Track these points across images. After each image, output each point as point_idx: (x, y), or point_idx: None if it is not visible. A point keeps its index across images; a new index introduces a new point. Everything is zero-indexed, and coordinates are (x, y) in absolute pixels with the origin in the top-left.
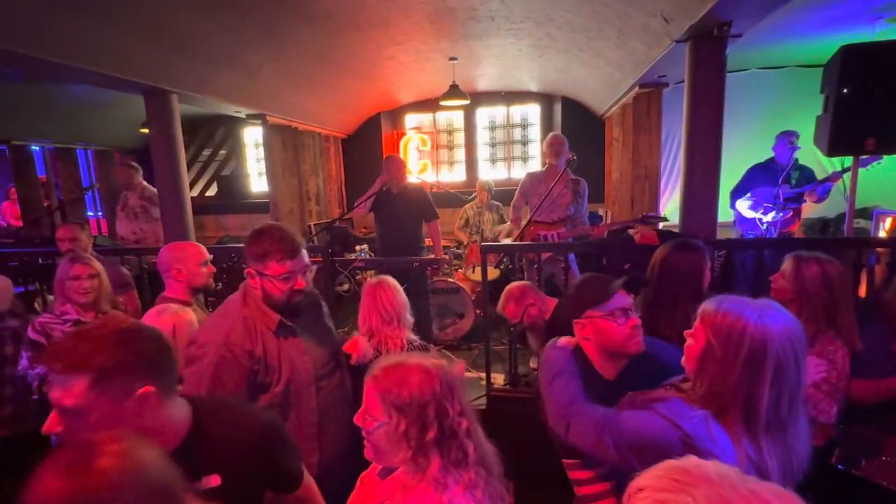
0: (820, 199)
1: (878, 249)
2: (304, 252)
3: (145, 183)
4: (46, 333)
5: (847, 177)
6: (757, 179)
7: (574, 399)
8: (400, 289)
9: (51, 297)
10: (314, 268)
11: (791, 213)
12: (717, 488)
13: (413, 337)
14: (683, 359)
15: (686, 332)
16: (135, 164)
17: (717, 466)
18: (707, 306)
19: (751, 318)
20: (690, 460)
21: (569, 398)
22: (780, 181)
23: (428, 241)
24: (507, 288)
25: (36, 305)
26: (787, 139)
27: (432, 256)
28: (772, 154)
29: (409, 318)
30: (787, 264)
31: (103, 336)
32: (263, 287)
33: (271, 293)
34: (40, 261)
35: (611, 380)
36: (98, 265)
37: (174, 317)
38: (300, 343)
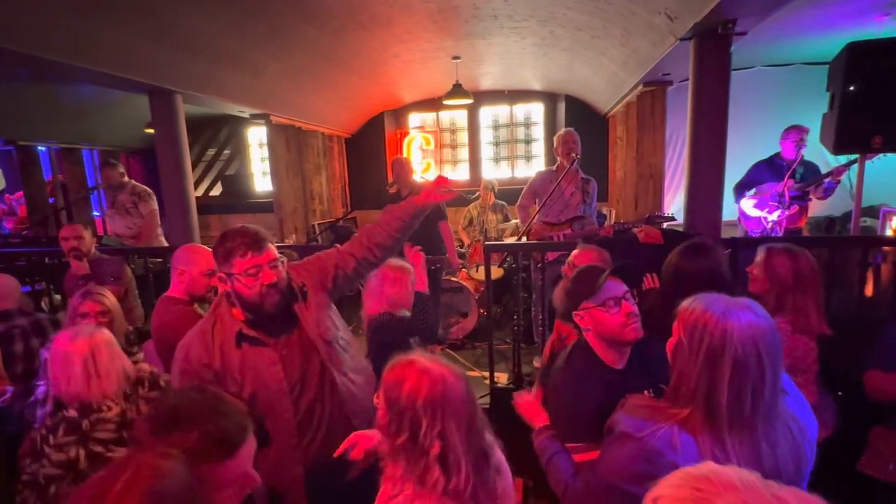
0: (826, 195)
1: (885, 248)
2: (272, 246)
3: (133, 181)
4: None
5: (853, 173)
6: (763, 175)
7: (564, 479)
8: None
9: (58, 297)
10: (284, 259)
11: (797, 207)
12: (742, 495)
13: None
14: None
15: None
16: (114, 161)
17: (738, 473)
18: (684, 303)
19: (714, 314)
20: (709, 466)
21: (561, 478)
22: (785, 177)
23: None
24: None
25: (43, 304)
26: (795, 136)
27: (438, 256)
28: (777, 149)
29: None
30: (759, 255)
31: None
32: (235, 290)
33: (243, 294)
34: (47, 260)
35: (620, 369)
36: (110, 302)
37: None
38: (268, 353)
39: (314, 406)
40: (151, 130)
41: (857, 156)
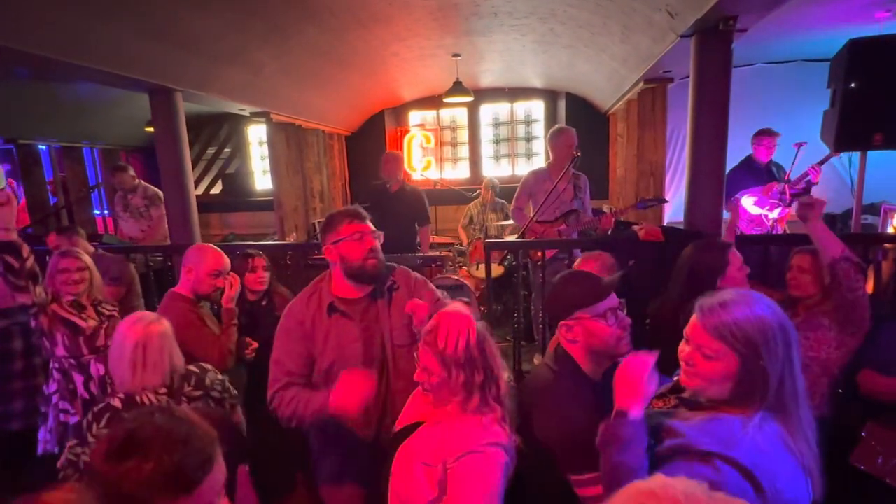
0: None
1: (886, 245)
2: (370, 222)
3: (144, 182)
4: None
5: (854, 169)
6: (746, 181)
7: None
8: None
9: None
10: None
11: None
12: None
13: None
14: (704, 382)
15: (690, 357)
16: (125, 164)
17: (684, 485)
18: (705, 312)
19: (766, 313)
20: (658, 480)
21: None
22: (773, 178)
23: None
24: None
25: None
26: (769, 142)
27: (435, 254)
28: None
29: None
30: (802, 259)
31: None
32: (341, 256)
33: (349, 258)
34: (47, 259)
35: (598, 381)
36: (87, 259)
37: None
38: (352, 328)
39: (379, 388)
40: (151, 129)
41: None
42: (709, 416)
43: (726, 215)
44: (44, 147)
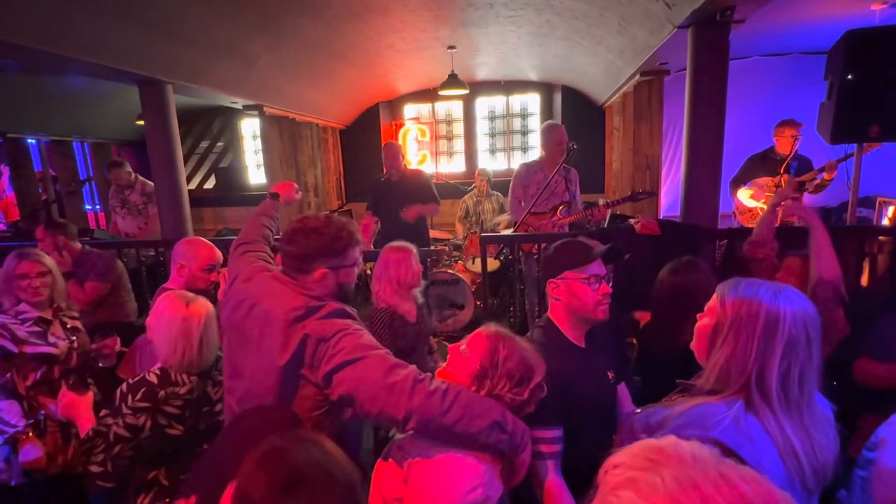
0: (818, 190)
1: (881, 238)
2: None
3: (142, 178)
4: (11, 334)
5: (850, 164)
6: (757, 170)
7: None
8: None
9: None
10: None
11: (790, 202)
12: (689, 469)
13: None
14: (693, 341)
15: (699, 315)
16: (121, 160)
17: (693, 447)
18: (724, 287)
19: (766, 296)
20: (669, 439)
21: None
22: (781, 171)
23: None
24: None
25: None
26: (790, 132)
27: (433, 248)
28: (772, 143)
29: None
30: (794, 262)
31: None
32: (342, 280)
33: (348, 283)
34: None
35: (582, 347)
36: (49, 261)
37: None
38: None
39: None
40: (143, 122)
41: (851, 150)
42: (694, 403)
43: (728, 208)
44: (33, 141)
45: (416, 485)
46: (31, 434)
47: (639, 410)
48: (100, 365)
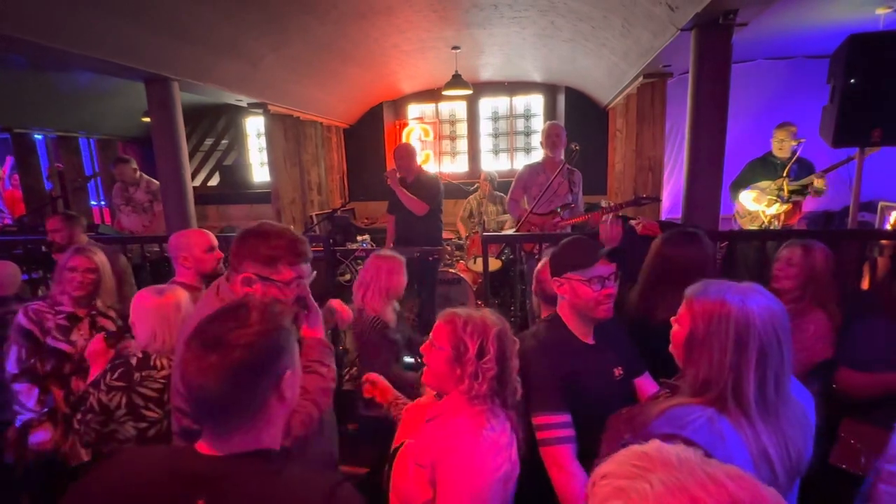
0: (818, 194)
1: (883, 242)
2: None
3: (147, 176)
4: (40, 323)
5: (853, 167)
6: (757, 174)
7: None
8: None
9: None
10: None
11: (792, 206)
12: (675, 472)
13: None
14: (671, 346)
15: (672, 319)
16: (127, 156)
17: (678, 450)
18: (691, 292)
19: (734, 301)
20: (654, 444)
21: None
22: (782, 174)
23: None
24: None
25: (40, 292)
26: (783, 135)
27: (432, 248)
28: (770, 148)
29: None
30: (792, 252)
31: None
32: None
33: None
34: (44, 248)
35: (590, 343)
36: (99, 260)
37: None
38: None
39: None
40: (148, 119)
41: (847, 156)
42: (672, 403)
43: (729, 210)
44: (40, 137)
45: (447, 481)
46: (45, 421)
47: (623, 410)
48: None
